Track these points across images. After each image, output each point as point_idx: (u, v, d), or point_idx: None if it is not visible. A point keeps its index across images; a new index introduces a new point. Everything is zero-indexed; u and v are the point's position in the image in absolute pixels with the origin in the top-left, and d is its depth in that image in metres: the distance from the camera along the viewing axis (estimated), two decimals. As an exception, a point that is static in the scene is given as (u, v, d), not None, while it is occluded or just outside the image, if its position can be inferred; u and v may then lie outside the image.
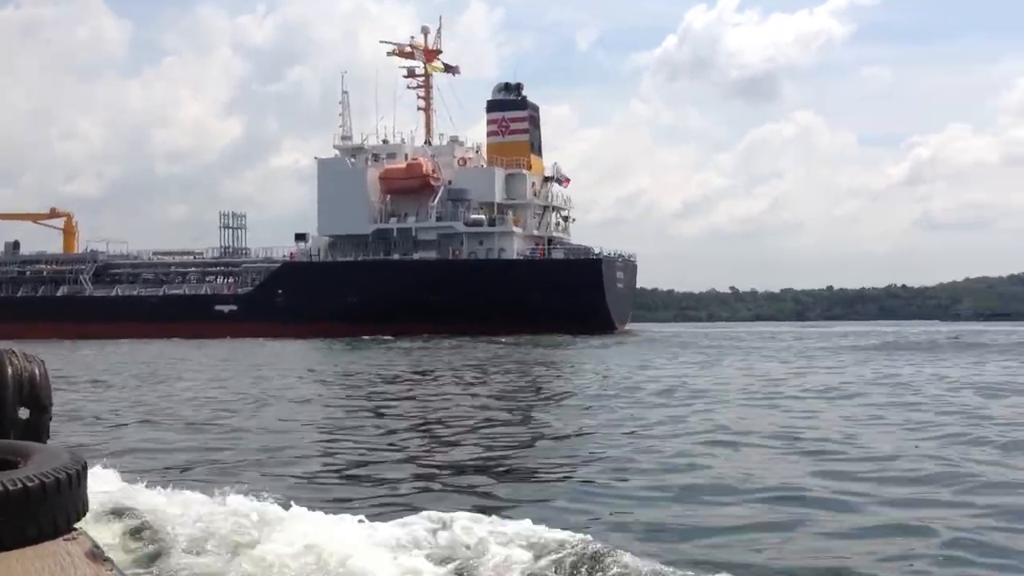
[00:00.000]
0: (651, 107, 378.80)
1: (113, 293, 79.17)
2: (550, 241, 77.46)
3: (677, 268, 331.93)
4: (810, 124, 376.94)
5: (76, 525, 2.82)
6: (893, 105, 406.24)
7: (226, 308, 74.25)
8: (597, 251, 75.47)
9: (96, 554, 2.80)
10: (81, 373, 27.34)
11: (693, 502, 8.14)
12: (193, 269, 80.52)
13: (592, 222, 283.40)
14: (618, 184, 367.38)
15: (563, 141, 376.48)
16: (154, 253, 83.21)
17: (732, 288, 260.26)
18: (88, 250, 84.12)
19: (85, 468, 2.87)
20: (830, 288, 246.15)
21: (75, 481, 2.77)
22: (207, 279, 79.78)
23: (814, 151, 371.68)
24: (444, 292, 68.85)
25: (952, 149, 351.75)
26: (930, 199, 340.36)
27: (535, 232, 77.10)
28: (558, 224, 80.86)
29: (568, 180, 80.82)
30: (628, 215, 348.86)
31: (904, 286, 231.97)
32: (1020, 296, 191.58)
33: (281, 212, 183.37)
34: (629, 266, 79.87)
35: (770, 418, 14.34)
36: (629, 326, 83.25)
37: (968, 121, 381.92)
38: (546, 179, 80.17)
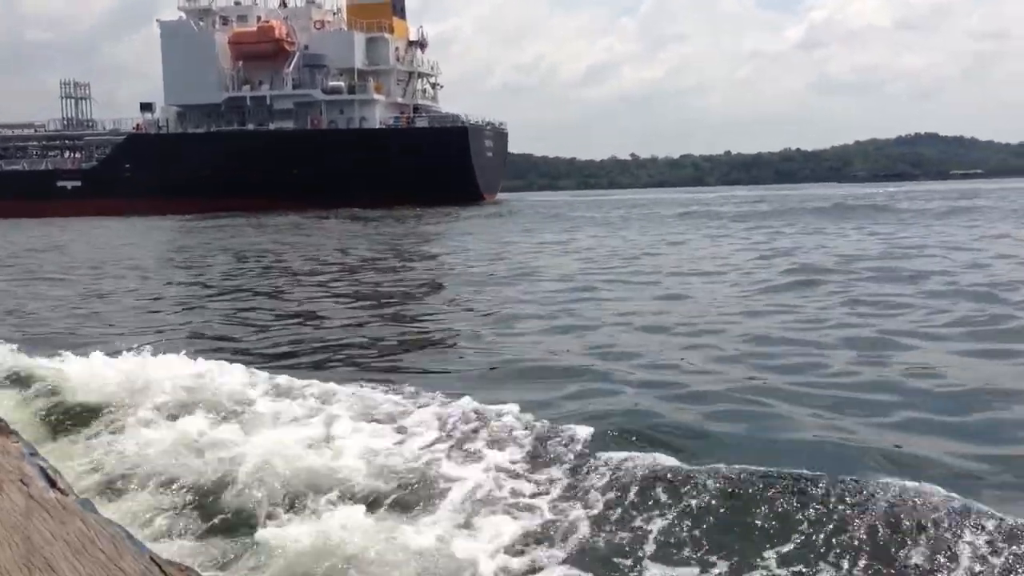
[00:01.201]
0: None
1: (-55, 169, 73.83)
2: (415, 109, 74.48)
3: (579, 136, 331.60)
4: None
5: None
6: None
7: (69, 184, 69.99)
8: (464, 118, 72.91)
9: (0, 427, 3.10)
10: None
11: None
12: (33, 143, 75.26)
13: (490, 89, 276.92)
14: (517, 50, 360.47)
15: (462, 5, 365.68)
16: (-11, 126, 77.41)
17: (633, 155, 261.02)
18: (-84, 123, 77.77)
19: None
20: (728, 153, 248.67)
21: None
22: (49, 154, 74.81)
23: (714, 14, 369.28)
24: (303, 163, 66.21)
25: (847, 12, 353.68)
26: (825, 62, 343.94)
27: (399, 100, 73.94)
28: (424, 91, 77.65)
29: (427, 45, 77.13)
30: (529, 82, 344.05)
31: (799, 149, 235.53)
32: (905, 157, 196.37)
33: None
34: (499, 135, 77.62)
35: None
36: (501, 195, 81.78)
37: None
38: (411, 44, 76.48)
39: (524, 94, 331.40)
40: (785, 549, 4.10)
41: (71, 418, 6.45)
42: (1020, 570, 3.75)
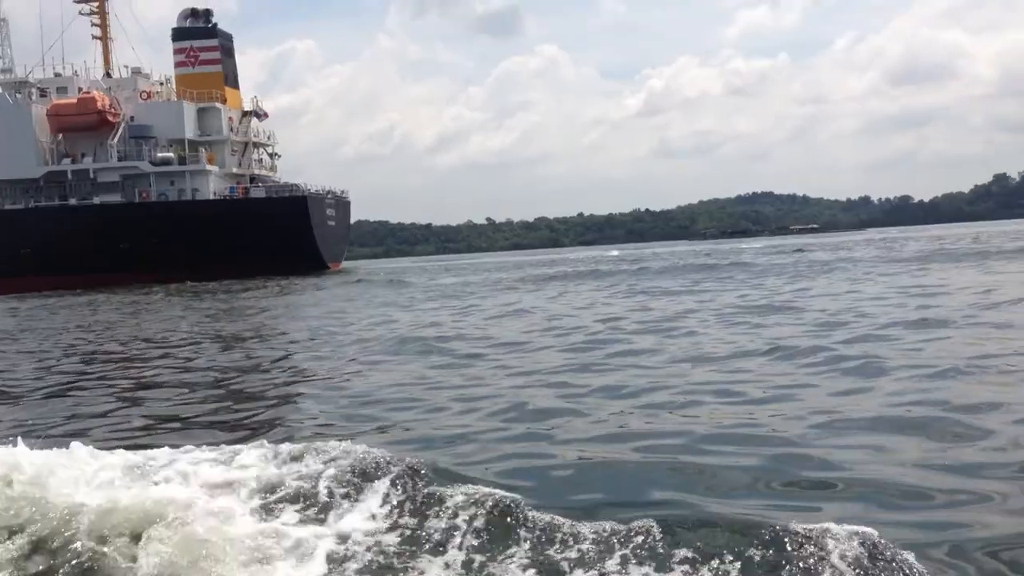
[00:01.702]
0: (398, 42, 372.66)
1: None
2: (252, 179, 72.71)
3: (434, 202, 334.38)
4: (555, 57, 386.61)
5: None
6: (629, 39, 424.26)
7: None
8: (304, 187, 71.71)
9: None
10: None
11: None
12: None
13: (344, 158, 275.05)
14: (369, 120, 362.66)
15: (311, 77, 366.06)
16: None
17: (489, 219, 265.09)
18: None
19: None
20: (581, 215, 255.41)
21: None
22: None
23: (559, 84, 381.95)
24: (133, 238, 63.57)
25: (682, 80, 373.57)
26: (665, 128, 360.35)
27: (235, 170, 72.04)
28: (260, 161, 76.01)
29: (267, 114, 75.91)
30: (382, 150, 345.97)
31: (647, 210, 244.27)
32: (746, 215, 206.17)
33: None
34: (341, 203, 76.56)
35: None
36: (347, 264, 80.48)
37: (695, 53, 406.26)
38: (245, 113, 74.91)
39: (378, 162, 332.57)
40: None
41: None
42: None
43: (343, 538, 4.67)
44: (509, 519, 4.73)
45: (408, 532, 4.75)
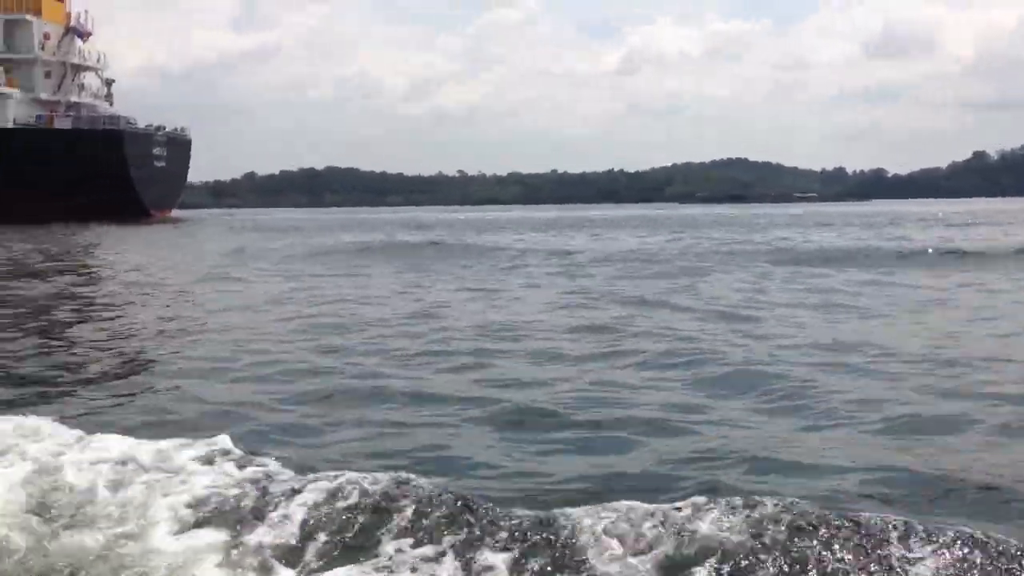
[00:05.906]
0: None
1: None
2: (71, 107, 63.07)
3: (405, 151, 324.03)
4: (533, 10, 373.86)
5: None
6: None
7: None
8: (131, 121, 62.38)
9: None
10: None
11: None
12: None
13: (312, 101, 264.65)
14: (341, 64, 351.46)
15: (289, 12, 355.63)
16: None
17: (460, 172, 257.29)
18: None
19: None
20: (555, 172, 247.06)
21: None
22: None
23: (537, 37, 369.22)
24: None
25: (661, 39, 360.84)
26: (640, 87, 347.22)
27: (46, 96, 62.31)
28: (84, 87, 66.11)
29: (90, 33, 65.83)
30: (352, 95, 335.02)
31: (623, 171, 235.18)
32: (721, 179, 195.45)
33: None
34: (176, 143, 66.92)
35: None
36: (186, 213, 71.25)
37: (675, 13, 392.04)
38: (68, 31, 64.96)
39: (348, 107, 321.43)
40: None
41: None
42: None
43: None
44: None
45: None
